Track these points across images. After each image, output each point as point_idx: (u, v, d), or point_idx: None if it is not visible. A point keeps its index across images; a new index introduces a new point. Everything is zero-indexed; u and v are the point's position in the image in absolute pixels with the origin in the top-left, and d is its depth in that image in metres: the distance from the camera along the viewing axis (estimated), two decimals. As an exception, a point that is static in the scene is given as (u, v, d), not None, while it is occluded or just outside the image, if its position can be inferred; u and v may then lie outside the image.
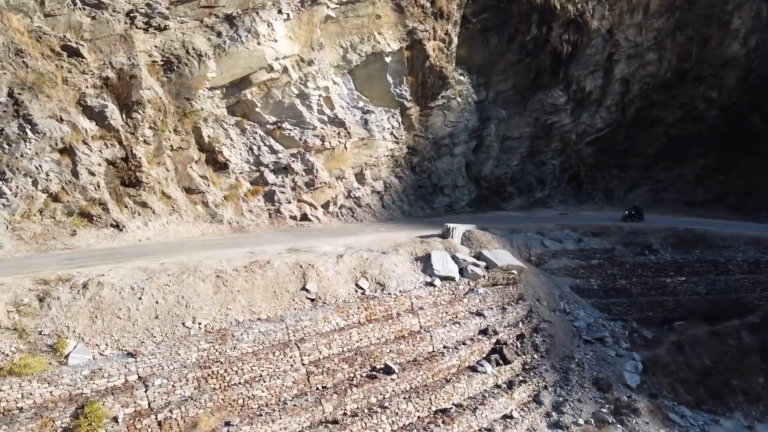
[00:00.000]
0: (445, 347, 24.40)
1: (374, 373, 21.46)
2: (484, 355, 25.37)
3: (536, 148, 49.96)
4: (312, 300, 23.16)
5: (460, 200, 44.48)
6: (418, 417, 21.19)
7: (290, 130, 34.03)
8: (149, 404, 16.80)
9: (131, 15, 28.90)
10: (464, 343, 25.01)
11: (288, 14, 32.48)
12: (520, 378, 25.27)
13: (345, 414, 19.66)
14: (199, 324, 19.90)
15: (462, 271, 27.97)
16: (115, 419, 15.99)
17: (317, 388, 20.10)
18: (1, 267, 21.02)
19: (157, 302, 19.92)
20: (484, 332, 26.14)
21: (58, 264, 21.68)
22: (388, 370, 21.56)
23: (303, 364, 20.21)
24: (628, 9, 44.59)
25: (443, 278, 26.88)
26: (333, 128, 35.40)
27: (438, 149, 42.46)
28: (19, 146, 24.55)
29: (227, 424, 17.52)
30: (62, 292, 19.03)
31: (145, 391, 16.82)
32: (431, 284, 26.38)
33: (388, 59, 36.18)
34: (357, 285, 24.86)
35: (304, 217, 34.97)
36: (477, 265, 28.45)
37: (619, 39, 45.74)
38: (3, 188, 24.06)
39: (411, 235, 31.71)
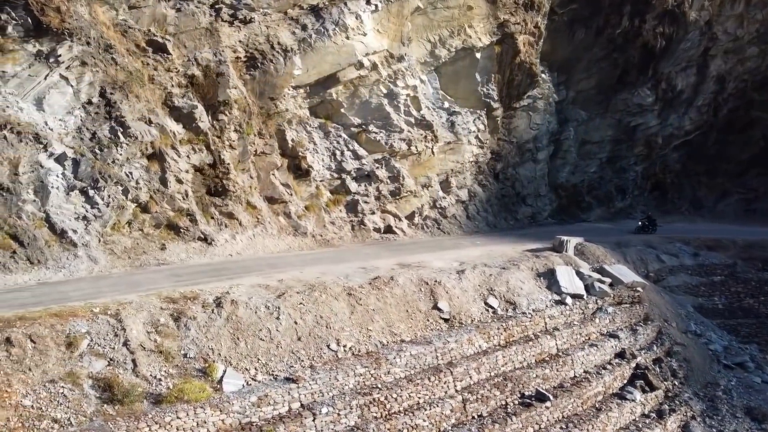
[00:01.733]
0: (585, 371, 24.56)
1: (526, 400, 21.60)
2: (626, 381, 25.52)
3: (617, 153, 50.43)
4: (446, 320, 23.35)
5: (542, 210, 44.78)
6: (578, 450, 21.31)
7: (376, 133, 34.33)
8: (316, 434, 16.94)
9: (216, 7, 29.35)
10: (605, 368, 25.17)
11: (376, 5, 32.93)
12: (667, 406, 25.34)
13: (507, 446, 19.78)
14: (344, 346, 20.08)
15: (588, 288, 28.17)
16: (288, 451, 16.14)
17: (473, 417, 20.22)
18: (110, 284, 21.35)
19: (295, 322, 20.12)
20: (620, 356, 26.29)
21: (169, 281, 21.91)
22: (541, 397, 21.68)
23: (457, 391, 20.35)
24: (729, -1, 45.35)
25: (573, 296, 27.09)
26: (420, 131, 35.67)
27: (522, 154, 42.85)
28: (111, 151, 24.93)
29: (396, 457, 17.66)
30: (196, 311, 19.26)
31: (313, 420, 16.95)
32: (562, 302, 26.60)
33: (478, 55, 36.57)
34: (486, 303, 25.06)
35: (388, 230, 35.17)
36: (603, 282, 28.64)
37: (717, 32, 46.41)
38: (95, 197, 24.32)
39: (516, 249, 32.01)
